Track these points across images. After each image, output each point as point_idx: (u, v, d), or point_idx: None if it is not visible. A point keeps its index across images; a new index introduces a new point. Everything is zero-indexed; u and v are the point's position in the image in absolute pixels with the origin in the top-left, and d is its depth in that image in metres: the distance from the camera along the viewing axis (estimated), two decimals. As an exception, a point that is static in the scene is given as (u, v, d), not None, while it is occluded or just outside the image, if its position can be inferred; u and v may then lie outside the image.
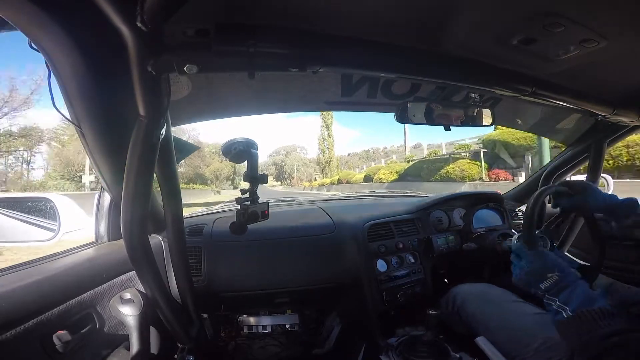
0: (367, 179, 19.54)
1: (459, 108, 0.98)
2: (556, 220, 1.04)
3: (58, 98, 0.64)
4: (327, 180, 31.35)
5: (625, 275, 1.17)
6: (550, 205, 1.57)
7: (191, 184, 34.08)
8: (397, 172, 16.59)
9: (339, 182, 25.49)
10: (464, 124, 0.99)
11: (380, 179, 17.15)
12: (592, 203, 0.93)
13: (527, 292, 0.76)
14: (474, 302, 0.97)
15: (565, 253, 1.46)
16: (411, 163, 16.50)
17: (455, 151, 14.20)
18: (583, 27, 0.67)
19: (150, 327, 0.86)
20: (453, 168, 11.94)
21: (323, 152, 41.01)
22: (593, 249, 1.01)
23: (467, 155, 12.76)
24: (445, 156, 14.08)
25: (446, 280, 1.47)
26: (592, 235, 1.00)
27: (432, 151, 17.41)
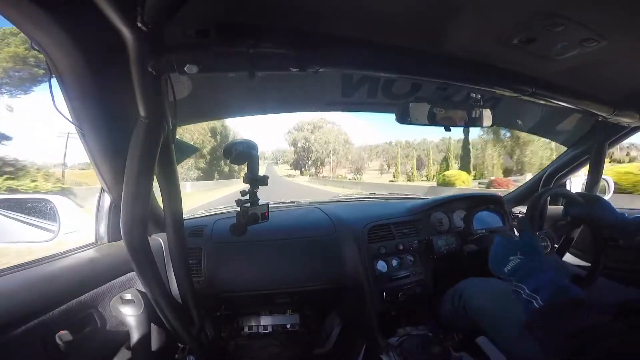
0: None
1: (459, 108, 0.98)
2: (564, 227, 1.04)
3: (59, 98, 0.64)
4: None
5: (624, 275, 1.17)
6: (551, 207, 1.57)
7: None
8: None
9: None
10: (465, 124, 0.99)
11: None
12: (602, 217, 0.93)
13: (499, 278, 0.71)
14: (482, 297, 0.96)
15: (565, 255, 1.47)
16: None
17: None
18: (583, 27, 0.66)
19: (151, 327, 0.86)
20: None
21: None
22: (592, 261, 1.02)
23: None
24: None
25: (447, 282, 1.46)
26: (595, 248, 1.01)
27: None
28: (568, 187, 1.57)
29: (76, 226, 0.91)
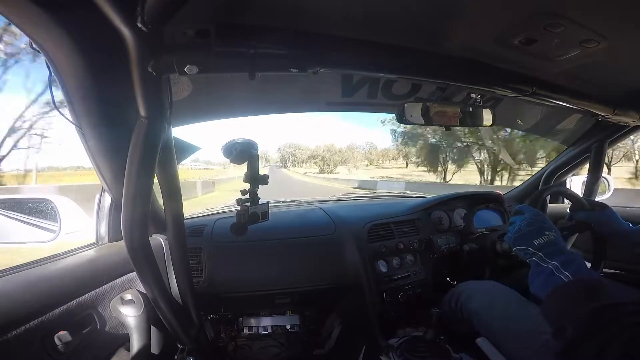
0: None
1: (459, 108, 0.98)
2: (566, 229, 1.05)
3: (59, 98, 0.64)
4: None
5: (624, 275, 1.17)
6: (551, 205, 1.58)
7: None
8: None
9: None
10: (465, 124, 0.99)
11: None
12: (607, 225, 0.94)
13: (512, 252, 0.75)
14: (480, 300, 0.96)
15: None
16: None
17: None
18: (583, 27, 0.66)
19: (151, 327, 0.86)
20: None
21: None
22: (593, 261, 1.02)
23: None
24: None
25: (448, 280, 1.46)
26: (595, 252, 1.01)
27: None
28: (568, 186, 1.57)
29: (77, 226, 0.91)
